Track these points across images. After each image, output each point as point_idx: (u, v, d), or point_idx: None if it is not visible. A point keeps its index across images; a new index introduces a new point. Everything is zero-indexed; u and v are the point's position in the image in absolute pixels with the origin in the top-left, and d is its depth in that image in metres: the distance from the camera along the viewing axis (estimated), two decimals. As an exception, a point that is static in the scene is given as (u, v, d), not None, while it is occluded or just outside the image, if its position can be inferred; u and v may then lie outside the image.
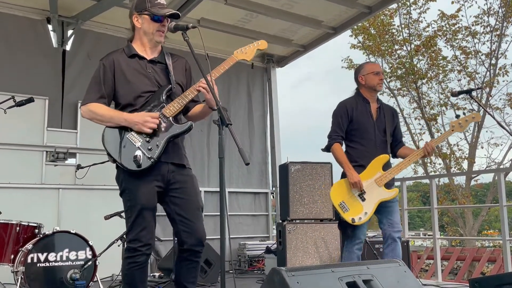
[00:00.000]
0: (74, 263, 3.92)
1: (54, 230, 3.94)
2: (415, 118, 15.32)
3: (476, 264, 11.68)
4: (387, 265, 2.33)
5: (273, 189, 7.14)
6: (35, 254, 3.77)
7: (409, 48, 14.88)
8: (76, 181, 5.30)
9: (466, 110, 14.44)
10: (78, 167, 5.11)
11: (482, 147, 14.90)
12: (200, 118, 2.72)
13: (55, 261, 3.85)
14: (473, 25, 14.31)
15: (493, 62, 14.34)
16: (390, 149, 3.72)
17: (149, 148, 2.45)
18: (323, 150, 3.75)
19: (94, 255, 3.98)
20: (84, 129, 5.48)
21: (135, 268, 2.46)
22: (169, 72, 2.62)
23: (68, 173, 5.35)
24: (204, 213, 6.15)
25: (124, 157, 2.44)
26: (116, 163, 2.47)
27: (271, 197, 7.23)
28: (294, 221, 4.62)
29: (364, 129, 3.63)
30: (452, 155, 14.57)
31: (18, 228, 3.93)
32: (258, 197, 7.10)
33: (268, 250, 5.84)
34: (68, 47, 5.72)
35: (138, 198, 2.45)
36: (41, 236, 3.89)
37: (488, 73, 14.47)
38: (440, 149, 14.43)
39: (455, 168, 14.61)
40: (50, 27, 5.62)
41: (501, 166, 14.17)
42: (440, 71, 14.81)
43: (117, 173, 2.55)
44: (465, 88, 10.32)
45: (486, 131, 14.77)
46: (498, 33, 14.17)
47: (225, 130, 2.24)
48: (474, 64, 14.64)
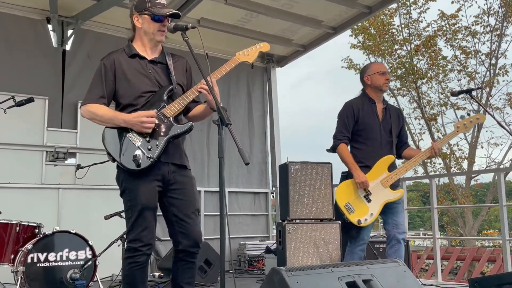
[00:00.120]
0: (74, 263, 3.92)
1: (54, 230, 3.94)
2: (415, 118, 15.34)
3: (476, 264, 11.69)
4: (386, 265, 2.33)
5: (273, 189, 7.14)
6: (35, 254, 3.77)
7: (409, 48, 14.88)
8: (76, 181, 5.30)
9: (466, 110, 14.47)
10: (78, 167, 5.12)
11: (482, 147, 14.93)
12: (201, 119, 2.72)
13: (55, 261, 3.85)
14: (473, 25, 14.34)
15: (493, 62, 14.36)
16: (395, 150, 3.69)
17: (149, 148, 2.45)
18: (328, 150, 3.72)
19: (94, 255, 3.98)
20: (84, 129, 5.48)
21: (136, 268, 2.46)
22: (170, 73, 2.61)
23: (68, 173, 5.35)
24: (204, 213, 6.19)
25: (123, 157, 2.44)
26: (116, 162, 2.47)
27: (271, 197, 7.23)
28: (294, 221, 4.62)
29: (370, 129, 3.59)
30: (452, 155, 14.57)
31: (18, 228, 3.93)
32: (258, 197, 7.10)
33: (268, 250, 5.84)
34: (68, 47, 5.72)
35: (138, 198, 2.45)
36: (41, 236, 3.89)
37: (488, 73, 14.49)
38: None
39: (455, 168, 14.62)
40: (50, 27, 5.62)
41: (501, 166, 14.17)
42: (440, 71, 14.81)
43: (117, 173, 2.55)
44: (465, 88, 10.29)
45: (486, 131, 14.78)
46: (498, 33, 14.17)
47: (225, 130, 2.24)
48: (474, 64, 14.67)
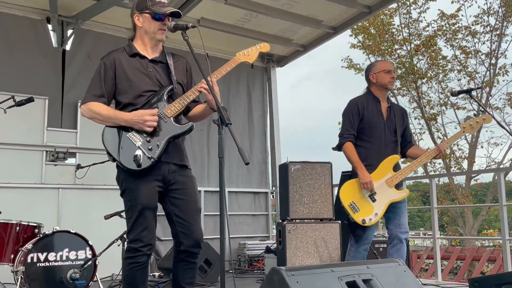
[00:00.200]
0: (74, 263, 3.92)
1: (54, 230, 3.94)
2: (415, 118, 15.34)
3: (476, 264, 11.69)
4: (386, 264, 2.33)
5: (273, 188, 7.14)
6: (35, 254, 3.77)
7: (409, 48, 14.88)
8: (76, 181, 5.30)
9: (466, 110, 14.48)
10: (78, 166, 5.12)
11: (482, 147, 14.93)
12: (201, 119, 2.71)
13: (55, 260, 3.85)
14: (473, 25, 14.33)
15: (493, 61, 14.36)
16: (400, 150, 3.67)
17: (149, 148, 2.44)
18: (334, 149, 3.69)
19: (94, 255, 3.98)
20: (84, 128, 5.48)
21: (136, 268, 2.45)
22: (170, 72, 2.61)
23: (68, 172, 5.35)
24: (204, 213, 6.19)
25: (124, 157, 2.43)
26: (116, 162, 2.47)
27: (271, 197, 7.23)
28: (294, 220, 4.62)
29: (374, 128, 3.57)
30: (452, 155, 14.57)
31: (18, 227, 3.93)
32: (258, 197, 7.10)
33: (268, 250, 5.84)
34: (68, 46, 5.72)
35: (139, 198, 2.44)
36: (41, 235, 3.89)
37: (488, 72, 14.49)
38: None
39: (455, 167, 14.62)
40: (50, 26, 5.61)
41: (501, 166, 14.17)
42: (440, 71, 14.81)
43: (118, 173, 2.54)
44: (465, 88, 10.31)
45: (486, 131, 14.73)
46: (498, 32, 14.17)
47: (225, 130, 2.24)
48: (474, 64, 14.67)
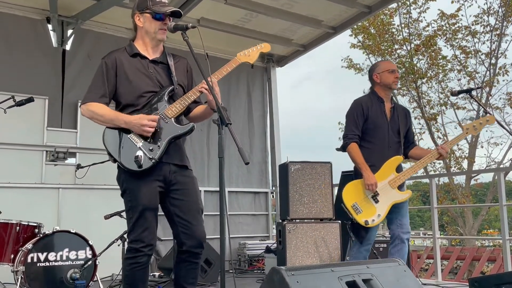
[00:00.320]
0: (74, 263, 3.92)
1: (54, 230, 3.94)
2: (415, 118, 15.32)
3: (476, 264, 11.70)
4: (386, 264, 2.33)
5: (273, 188, 7.14)
6: (35, 254, 3.77)
7: (409, 48, 14.88)
8: (76, 181, 5.30)
9: (466, 109, 14.48)
10: (78, 166, 5.11)
11: (482, 147, 14.93)
12: (202, 119, 2.71)
13: (55, 260, 3.85)
14: (473, 25, 14.33)
15: (493, 61, 14.36)
16: (403, 151, 3.66)
17: (150, 148, 2.44)
18: (338, 149, 3.69)
19: (94, 255, 3.98)
20: (84, 128, 5.48)
21: (137, 268, 2.45)
22: (171, 73, 2.60)
23: (68, 172, 5.35)
24: (204, 213, 6.17)
25: (125, 157, 2.43)
26: (117, 163, 2.46)
27: (271, 197, 7.23)
28: (294, 220, 4.62)
29: (377, 128, 3.55)
30: (452, 155, 14.57)
31: (18, 227, 3.93)
32: (258, 197, 7.10)
33: (268, 250, 5.84)
34: (68, 46, 5.72)
35: (139, 199, 2.44)
36: (41, 235, 3.89)
37: (488, 72, 14.49)
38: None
39: (455, 167, 14.62)
40: (50, 26, 5.61)
41: (501, 166, 14.17)
42: (440, 71, 14.81)
43: (118, 173, 2.54)
44: (465, 88, 10.31)
45: (486, 131, 14.73)
46: (498, 32, 14.17)
47: (225, 130, 2.24)
48: (474, 64, 14.67)
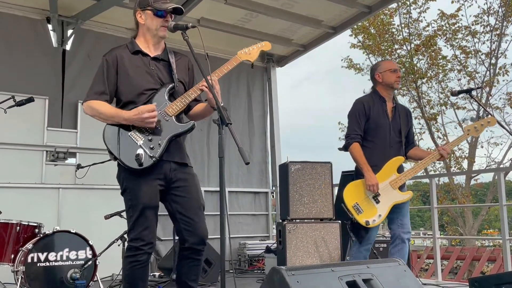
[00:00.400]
0: (74, 263, 3.92)
1: (54, 230, 3.94)
2: (415, 118, 15.31)
3: (476, 264, 11.70)
4: (387, 264, 2.33)
5: (273, 188, 7.14)
6: (35, 254, 3.77)
7: (409, 48, 14.88)
8: (76, 181, 5.30)
9: (466, 109, 14.48)
10: (78, 166, 5.11)
11: (482, 147, 14.93)
12: (202, 117, 2.71)
13: (55, 260, 3.85)
14: (473, 25, 14.33)
15: (493, 61, 14.36)
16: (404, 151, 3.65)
17: (151, 146, 2.44)
18: (340, 149, 3.68)
19: (94, 255, 3.98)
20: (84, 128, 5.48)
21: (137, 267, 2.45)
22: (172, 70, 2.61)
23: (68, 172, 5.35)
24: (204, 213, 6.18)
25: (125, 155, 2.42)
26: (117, 161, 2.46)
27: (271, 197, 7.23)
28: (294, 220, 4.62)
29: (379, 128, 3.55)
30: (452, 155, 14.57)
31: (18, 227, 3.94)
32: (258, 197, 7.10)
33: (268, 250, 5.84)
34: (68, 46, 5.72)
35: (140, 197, 2.44)
36: (41, 235, 3.89)
37: (488, 72, 14.49)
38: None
39: (455, 167, 14.62)
40: (50, 26, 5.61)
41: (501, 166, 14.17)
42: (440, 71, 14.81)
43: (118, 171, 2.54)
44: (465, 88, 10.31)
45: (486, 131, 14.69)
46: (498, 32, 14.17)
47: (225, 130, 2.24)
48: (474, 64, 14.67)
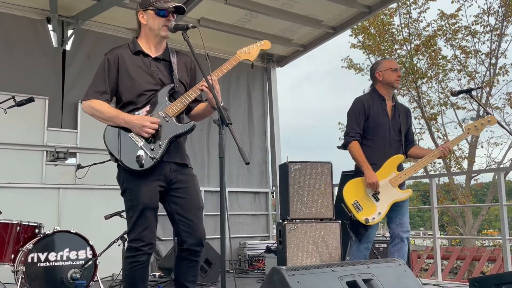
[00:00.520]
0: (74, 263, 3.92)
1: (55, 230, 3.94)
2: (415, 118, 15.32)
3: (476, 264, 11.69)
4: (387, 264, 2.33)
5: (273, 188, 7.14)
6: (36, 254, 3.77)
7: (409, 48, 14.88)
8: (76, 181, 5.30)
9: (466, 109, 14.48)
10: (78, 166, 5.11)
11: (482, 147, 14.94)
12: (203, 118, 2.71)
13: (56, 260, 3.85)
14: (473, 25, 14.33)
15: (493, 61, 14.36)
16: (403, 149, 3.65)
17: (151, 148, 2.43)
18: (339, 147, 3.68)
19: (95, 255, 3.98)
20: (84, 128, 5.49)
21: (137, 267, 2.45)
22: (172, 70, 2.60)
23: (68, 172, 5.35)
24: (204, 213, 6.14)
25: (126, 157, 2.42)
26: (118, 162, 2.46)
27: (271, 197, 7.23)
28: (294, 220, 4.62)
29: (379, 127, 3.54)
30: (452, 155, 14.57)
31: (18, 228, 3.94)
32: (258, 197, 7.10)
33: (268, 250, 5.84)
34: (68, 47, 5.72)
35: (140, 198, 2.44)
36: (41, 235, 3.89)
37: (488, 72, 14.49)
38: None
39: (455, 167, 14.62)
40: (50, 27, 5.61)
41: (501, 166, 14.17)
42: (440, 71, 14.81)
43: (118, 172, 2.53)
44: (465, 88, 10.31)
45: (486, 131, 14.73)
46: (498, 32, 14.17)
47: (225, 130, 2.24)
48: (474, 64, 14.67)
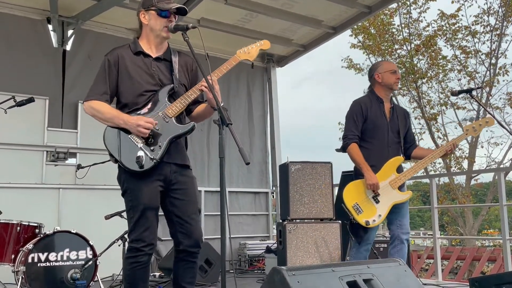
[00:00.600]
0: (74, 263, 3.92)
1: (55, 230, 3.94)
2: (415, 118, 15.33)
3: (476, 264, 11.69)
4: (387, 264, 2.33)
5: (273, 188, 7.14)
6: (36, 254, 3.77)
7: (409, 48, 14.88)
8: (77, 181, 5.30)
9: (466, 109, 14.48)
10: (79, 167, 5.11)
11: (482, 147, 14.94)
12: (204, 118, 2.70)
13: (56, 261, 3.85)
14: (473, 25, 14.34)
15: (493, 61, 14.36)
16: (403, 151, 3.65)
17: (151, 149, 2.43)
18: (338, 150, 3.67)
19: (95, 255, 3.98)
20: (84, 129, 5.48)
21: (138, 267, 2.45)
22: (173, 70, 2.59)
23: (68, 173, 5.35)
24: (204, 213, 6.19)
25: (126, 158, 2.42)
26: (118, 163, 2.46)
27: (271, 197, 7.23)
28: (294, 220, 4.62)
29: (377, 129, 3.54)
30: (452, 155, 14.56)
31: (18, 228, 3.93)
32: (258, 197, 7.10)
33: (268, 250, 5.84)
34: (68, 47, 5.72)
35: (140, 198, 2.44)
36: (41, 236, 3.89)
37: (488, 72, 14.49)
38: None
39: (455, 167, 14.62)
40: (50, 27, 5.61)
41: (501, 166, 14.17)
42: (440, 71, 14.81)
43: (119, 173, 2.53)
44: (465, 88, 10.31)
45: (486, 131, 14.74)
46: (498, 32, 14.17)
47: (225, 130, 2.24)
48: (474, 64, 14.68)
